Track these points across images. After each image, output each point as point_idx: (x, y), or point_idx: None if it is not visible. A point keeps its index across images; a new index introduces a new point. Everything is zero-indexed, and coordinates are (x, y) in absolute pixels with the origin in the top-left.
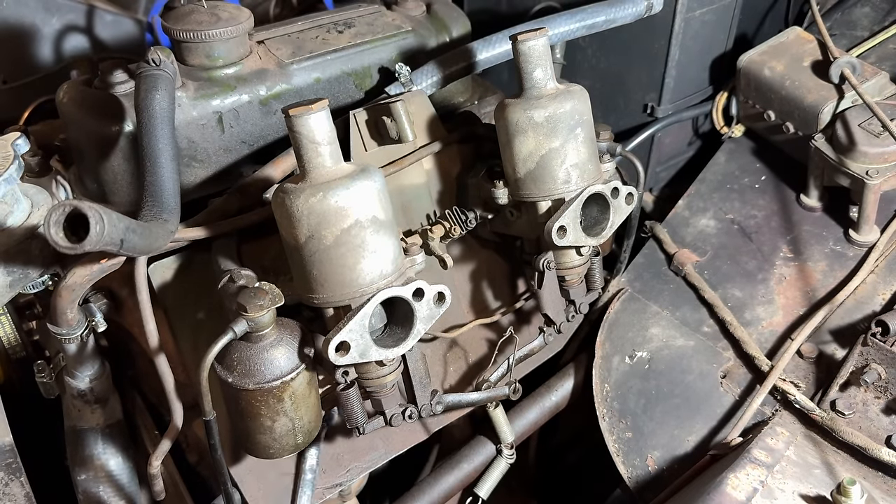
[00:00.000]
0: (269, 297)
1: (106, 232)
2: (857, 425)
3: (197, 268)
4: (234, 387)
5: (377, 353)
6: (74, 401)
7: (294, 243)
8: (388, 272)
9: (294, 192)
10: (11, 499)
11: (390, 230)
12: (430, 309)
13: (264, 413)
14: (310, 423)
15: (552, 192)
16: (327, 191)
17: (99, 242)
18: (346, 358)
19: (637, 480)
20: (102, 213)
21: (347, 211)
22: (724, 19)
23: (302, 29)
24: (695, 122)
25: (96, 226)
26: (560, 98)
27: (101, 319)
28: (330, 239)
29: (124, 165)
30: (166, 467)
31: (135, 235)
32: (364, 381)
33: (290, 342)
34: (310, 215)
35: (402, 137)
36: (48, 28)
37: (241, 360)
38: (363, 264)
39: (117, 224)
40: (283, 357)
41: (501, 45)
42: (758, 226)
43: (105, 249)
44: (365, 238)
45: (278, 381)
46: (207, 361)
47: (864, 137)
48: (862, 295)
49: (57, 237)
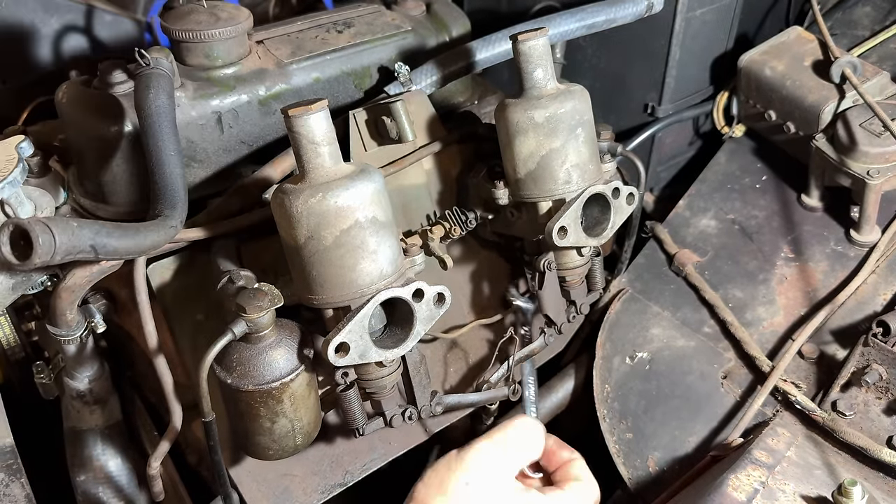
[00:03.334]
0: (268, 298)
1: (59, 243)
2: (859, 426)
3: (196, 268)
4: (234, 388)
5: (377, 354)
6: (73, 402)
7: (293, 244)
8: (388, 273)
9: (293, 192)
10: (12, 500)
11: (390, 231)
12: (430, 310)
13: (263, 414)
14: (309, 425)
15: (553, 193)
16: (327, 191)
17: (54, 254)
18: (345, 359)
19: (638, 481)
20: (51, 226)
21: (347, 212)
22: (725, 19)
23: (301, 29)
24: (695, 122)
25: (38, 238)
26: (561, 98)
27: (101, 321)
28: (329, 240)
29: (124, 166)
30: (165, 468)
31: (111, 238)
32: (364, 382)
33: (289, 343)
34: (309, 216)
35: (401, 137)
36: (47, 28)
37: (241, 361)
38: (363, 265)
39: (77, 231)
40: (282, 358)
41: (501, 45)
42: (759, 226)
43: (78, 258)
44: (364, 239)
45: (277, 382)
46: (206, 362)
47: (865, 137)
48: (863, 295)
49: (10, 257)
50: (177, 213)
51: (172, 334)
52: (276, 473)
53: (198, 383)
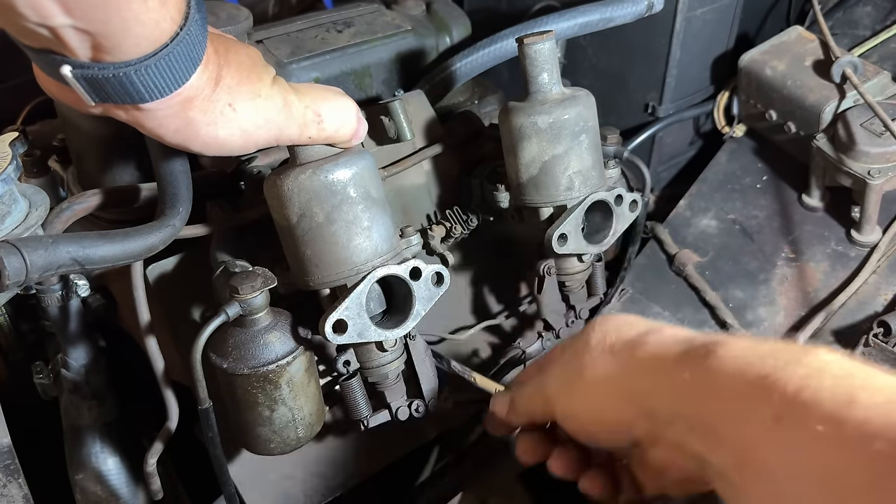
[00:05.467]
0: (261, 279)
1: (31, 263)
2: None
3: (196, 267)
4: (229, 373)
5: (376, 333)
6: (72, 396)
7: (286, 224)
8: (384, 250)
9: (283, 172)
10: (10, 500)
11: (383, 209)
12: (429, 289)
13: (262, 401)
14: (311, 416)
15: (554, 199)
16: (316, 168)
17: (28, 274)
18: (343, 337)
19: None
20: (19, 246)
21: (338, 186)
22: (726, 18)
23: (301, 28)
24: (696, 122)
25: (3, 262)
26: (565, 104)
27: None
28: (321, 216)
29: (123, 166)
30: (164, 467)
31: (95, 249)
32: (366, 370)
33: (284, 326)
34: (300, 192)
35: (400, 136)
36: None
37: (236, 345)
38: (357, 241)
39: (53, 248)
40: (277, 341)
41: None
42: (759, 226)
43: (62, 272)
44: (357, 214)
45: (274, 364)
46: (200, 343)
47: (866, 137)
48: (864, 295)
49: None
50: (177, 212)
51: (171, 333)
52: (276, 475)
53: (192, 366)
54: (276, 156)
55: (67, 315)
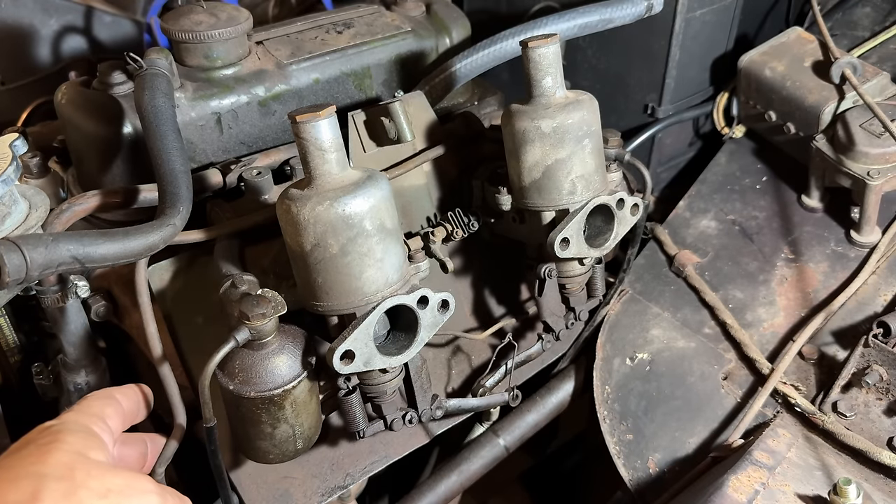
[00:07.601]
0: (271, 305)
1: (31, 260)
2: (859, 427)
3: (198, 269)
4: (236, 394)
5: (381, 361)
6: (72, 397)
7: (299, 250)
8: (394, 280)
9: (300, 199)
10: None
11: (396, 238)
12: (435, 316)
13: (265, 420)
14: (310, 429)
15: (556, 203)
16: (334, 199)
17: (28, 272)
18: (350, 367)
19: (638, 483)
20: (20, 244)
21: (354, 220)
22: (725, 19)
23: (301, 29)
24: (696, 123)
25: (4, 259)
26: (569, 108)
27: (84, 284)
28: (336, 248)
29: (123, 167)
30: (165, 470)
31: (95, 247)
32: (366, 387)
33: (292, 350)
34: (316, 224)
35: (400, 137)
36: (46, 29)
37: (243, 367)
38: (368, 273)
39: (53, 246)
40: (284, 365)
41: (496, 49)
42: (759, 227)
43: (61, 270)
44: (371, 247)
45: (280, 389)
46: (209, 370)
47: (865, 138)
48: (863, 296)
49: None
50: (177, 212)
51: (173, 336)
52: (275, 476)
53: (201, 391)
54: (276, 156)
55: (67, 316)
